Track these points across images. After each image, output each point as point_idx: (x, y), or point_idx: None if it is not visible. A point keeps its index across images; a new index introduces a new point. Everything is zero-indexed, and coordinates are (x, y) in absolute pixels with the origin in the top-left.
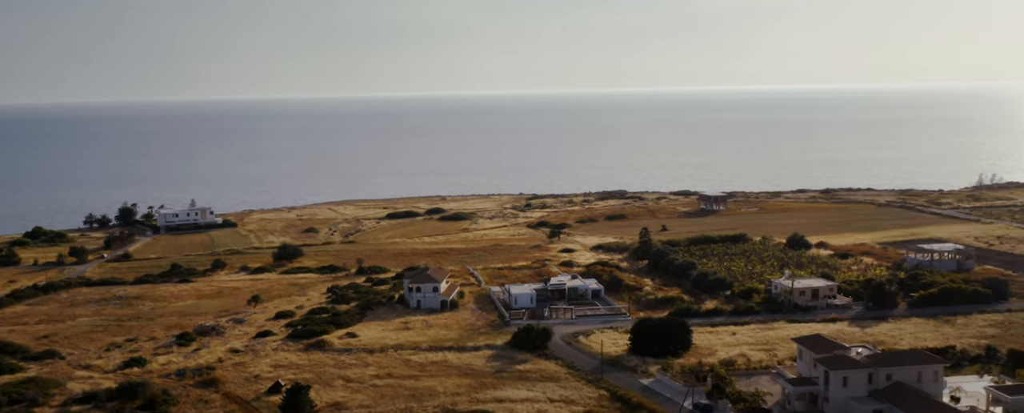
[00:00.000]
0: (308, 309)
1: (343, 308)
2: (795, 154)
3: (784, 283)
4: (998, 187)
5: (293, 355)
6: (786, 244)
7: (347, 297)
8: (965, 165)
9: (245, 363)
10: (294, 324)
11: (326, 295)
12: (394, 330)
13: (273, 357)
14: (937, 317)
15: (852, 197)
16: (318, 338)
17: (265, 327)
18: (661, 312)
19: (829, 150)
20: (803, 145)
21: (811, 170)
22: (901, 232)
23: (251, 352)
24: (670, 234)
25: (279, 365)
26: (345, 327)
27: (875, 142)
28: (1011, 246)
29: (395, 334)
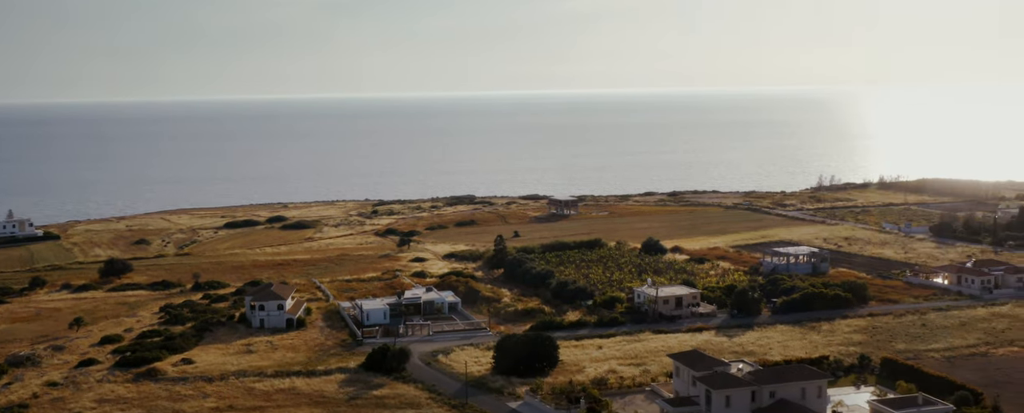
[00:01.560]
0: (138, 332)
1: (178, 330)
2: (637, 156)
3: (648, 292)
4: (836, 188)
5: (120, 387)
6: (641, 249)
7: (182, 317)
8: (800, 166)
9: (64, 399)
10: (122, 350)
11: (159, 315)
12: (235, 354)
13: (97, 390)
14: (802, 324)
15: (700, 199)
16: (149, 366)
17: (89, 354)
18: (522, 325)
19: (671, 152)
20: (643, 147)
21: (655, 172)
22: (752, 234)
23: (71, 385)
24: (524, 240)
25: (104, 400)
26: (180, 352)
27: (712, 144)
28: (860, 247)
29: (237, 358)
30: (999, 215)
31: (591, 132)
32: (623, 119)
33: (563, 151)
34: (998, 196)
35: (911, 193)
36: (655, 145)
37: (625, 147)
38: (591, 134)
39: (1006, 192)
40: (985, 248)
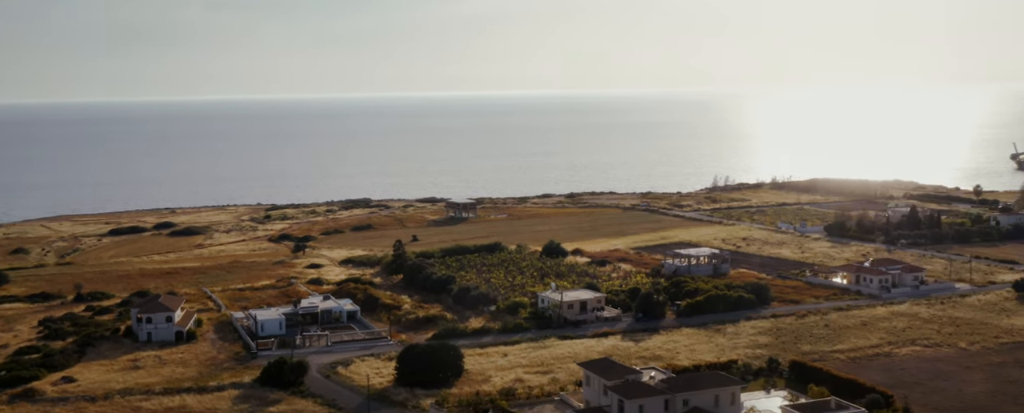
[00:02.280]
0: (14, 348)
1: (58, 345)
2: (532, 158)
3: (552, 296)
4: (731, 188)
5: None
6: (542, 252)
7: (63, 332)
8: (693, 167)
9: None
10: None
11: (37, 330)
12: (121, 370)
13: None
14: (707, 326)
15: (597, 201)
16: (26, 386)
17: None
18: (424, 333)
19: (565, 154)
20: (538, 149)
21: (552, 174)
22: (651, 236)
23: None
24: (423, 245)
25: None
26: (61, 369)
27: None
28: (758, 247)
29: (122, 376)
30: (890, 214)
31: (490, 134)
32: (520, 120)
33: (460, 153)
34: (887, 195)
35: (803, 193)
36: (552, 146)
37: (522, 148)
38: (490, 136)
39: (894, 191)
40: (879, 247)
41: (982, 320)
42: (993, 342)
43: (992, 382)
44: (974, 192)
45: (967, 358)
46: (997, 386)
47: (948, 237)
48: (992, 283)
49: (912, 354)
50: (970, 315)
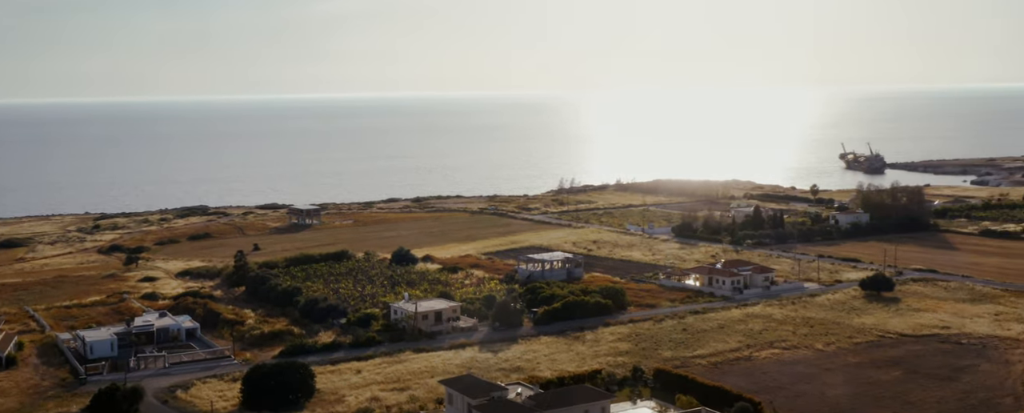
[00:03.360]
0: None
1: None
2: (375, 162)
3: (406, 307)
4: (577, 190)
5: None
6: (392, 259)
7: None
8: (537, 169)
9: None
10: None
11: None
12: None
13: None
14: (565, 334)
15: (445, 205)
16: None
17: None
18: (270, 350)
19: (409, 157)
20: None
21: (397, 178)
22: (502, 240)
23: None
24: (265, 254)
25: None
26: None
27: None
28: (608, 250)
29: None
30: (734, 214)
31: (332, 137)
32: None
33: (302, 157)
34: (728, 195)
35: (647, 194)
36: (396, 149)
37: (366, 152)
38: (332, 139)
39: (735, 191)
40: (726, 247)
41: (834, 320)
42: (847, 342)
43: (852, 384)
44: (811, 191)
45: (825, 359)
46: (858, 388)
47: (791, 236)
48: (839, 282)
49: (771, 357)
50: (822, 315)
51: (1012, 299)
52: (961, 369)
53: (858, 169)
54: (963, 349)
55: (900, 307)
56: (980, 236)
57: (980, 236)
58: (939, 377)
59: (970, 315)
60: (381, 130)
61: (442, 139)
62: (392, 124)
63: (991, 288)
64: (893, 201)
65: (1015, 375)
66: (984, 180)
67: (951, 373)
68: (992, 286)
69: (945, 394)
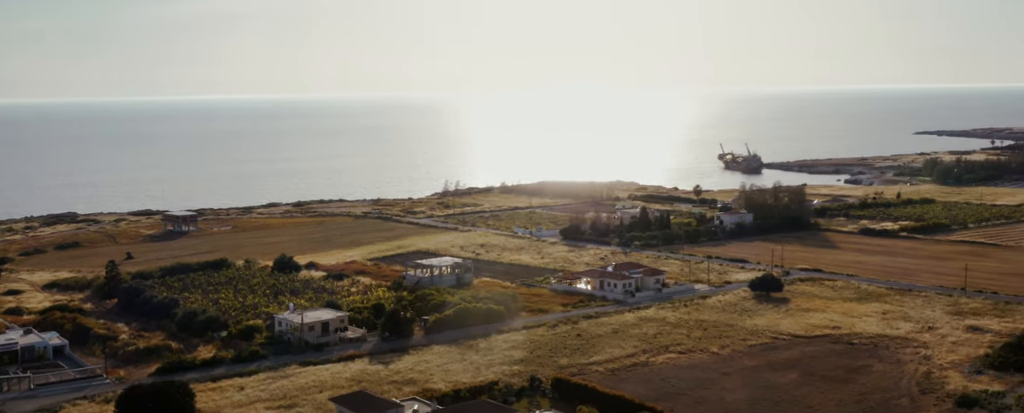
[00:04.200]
0: None
1: None
2: (254, 165)
3: (291, 318)
4: (462, 193)
5: None
6: (274, 267)
7: None
8: (420, 171)
9: None
10: None
11: None
12: None
13: None
14: (458, 342)
15: (327, 209)
16: None
17: None
18: (146, 368)
19: (289, 160)
20: (260, 155)
21: (277, 182)
22: (387, 245)
23: None
24: (139, 263)
25: None
26: None
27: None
28: (497, 254)
29: None
30: (621, 215)
31: (208, 140)
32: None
33: (177, 160)
34: (613, 196)
35: (533, 196)
36: (276, 153)
37: (244, 155)
38: (208, 142)
39: (620, 192)
40: (615, 249)
41: (727, 322)
42: (742, 345)
43: (751, 388)
44: (694, 192)
45: (721, 363)
46: (756, 392)
47: (678, 237)
48: (728, 283)
49: (668, 362)
50: (715, 317)
51: (897, 298)
52: (855, 370)
53: (736, 169)
54: (855, 350)
55: (790, 307)
56: (860, 235)
57: (860, 235)
58: (835, 379)
59: (859, 314)
60: (263, 132)
61: (324, 142)
62: (275, 127)
63: (876, 287)
64: (775, 201)
65: (908, 375)
66: (857, 179)
67: (846, 375)
68: (877, 285)
69: (842, 396)
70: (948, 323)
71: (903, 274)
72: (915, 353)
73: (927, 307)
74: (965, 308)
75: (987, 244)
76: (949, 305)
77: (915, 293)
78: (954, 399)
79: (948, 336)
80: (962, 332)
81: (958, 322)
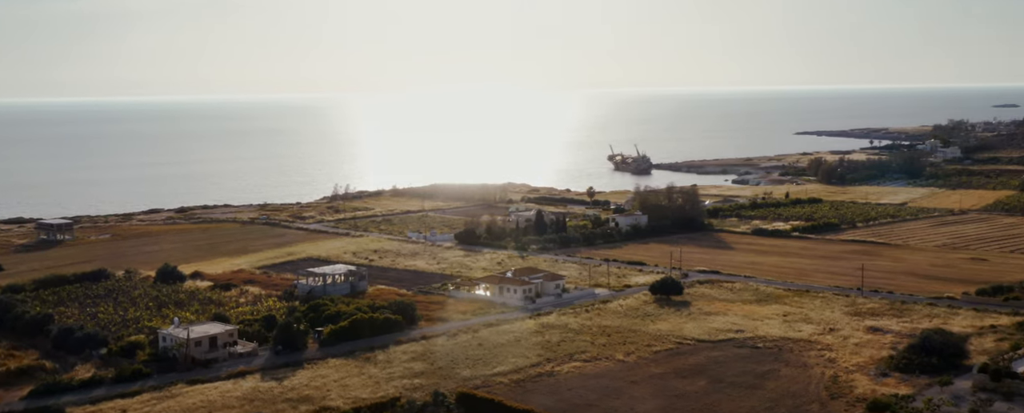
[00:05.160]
0: None
1: None
2: (134, 170)
3: (176, 333)
4: (353, 197)
5: None
6: (157, 277)
7: None
8: (309, 175)
9: None
10: None
11: None
12: None
13: None
14: (355, 355)
15: (212, 215)
16: None
17: None
18: (18, 391)
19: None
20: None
21: (158, 186)
22: (277, 253)
23: None
24: (10, 276)
25: None
26: None
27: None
28: (391, 260)
29: None
30: (516, 218)
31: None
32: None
33: (50, 165)
34: (506, 198)
35: (425, 199)
36: (154, 157)
37: (122, 159)
38: (84, 145)
39: (513, 194)
40: (511, 253)
41: (630, 327)
42: (647, 351)
43: (661, 397)
44: (587, 193)
45: (628, 371)
46: (666, 401)
47: (575, 240)
48: (628, 286)
49: (574, 371)
50: (617, 322)
51: (796, 299)
52: (763, 376)
53: (626, 170)
54: (760, 354)
55: (692, 311)
56: (753, 235)
57: (753, 235)
58: (744, 385)
59: (760, 317)
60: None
61: (209, 145)
62: (166, 129)
63: (775, 288)
64: (669, 202)
65: (816, 379)
66: (744, 179)
67: (754, 380)
68: (775, 286)
69: (753, 404)
70: (848, 324)
71: (799, 275)
72: (820, 356)
73: (826, 308)
74: (863, 308)
75: (877, 243)
76: (847, 306)
77: (813, 294)
78: (865, 404)
79: (850, 337)
80: (863, 333)
81: (858, 323)
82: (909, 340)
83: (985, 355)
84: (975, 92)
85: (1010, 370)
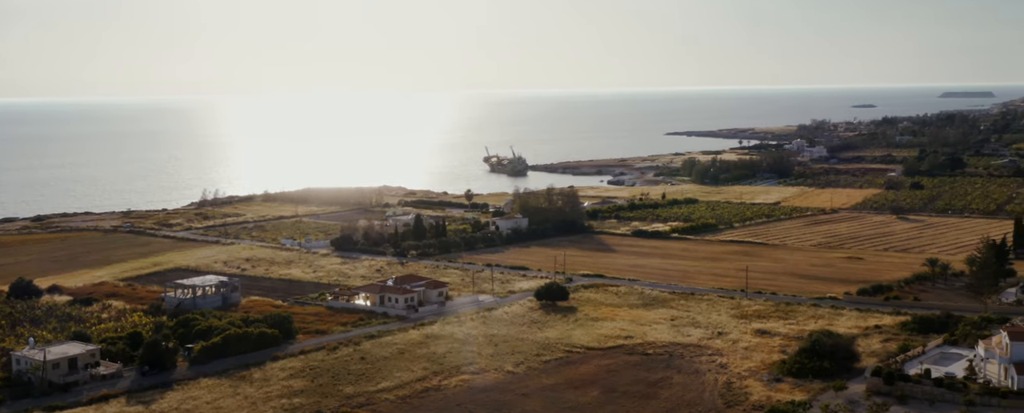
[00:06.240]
0: None
1: None
2: None
3: (32, 355)
4: (222, 202)
5: None
6: (9, 292)
7: None
8: (175, 180)
9: None
10: None
11: None
12: None
13: None
14: (229, 374)
15: (71, 223)
16: None
17: None
18: None
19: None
20: None
21: (8, 194)
22: (142, 263)
23: None
24: None
25: None
26: None
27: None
28: (265, 269)
29: None
30: (394, 223)
31: None
32: None
33: None
34: (382, 202)
35: (299, 204)
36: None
37: None
38: None
39: (389, 198)
40: (391, 260)
41: (518, 335)
42: (537, 361)
43: (553, 410)
44: (465, 196)
45: (519, 383)
46: None
47: (455, 245)
48: (512, 293)
49: (463, 384)
50: (504, 331)
51: (682, 302)
52: (656, 384)
53: (502, 172)
54: (651, 360)
55: (579, 317)
56: (633, 237)
57: (633, 237)
58: (638, 395)
59: (648, 322)
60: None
61: (68, 148)
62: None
63: (660, 291)
64: (549, 204)
65: (709, 386)
66: (619, 180)
67: (648, 389)
68: (660, 289)
69: None
70: (736, 327)
71: (683, 277)
72: (711, 361)
73: (712, 311)
74: (748, 310)
75: (755, 243)
76: (733, 308)
77: (698, 296)
78: (762, 412)
79: (739, 341)
80: (751, 336)
81: (745, 326)
82: (798, 343)
83: (874, 357)
84: (834, 93)
85: (903, 373)
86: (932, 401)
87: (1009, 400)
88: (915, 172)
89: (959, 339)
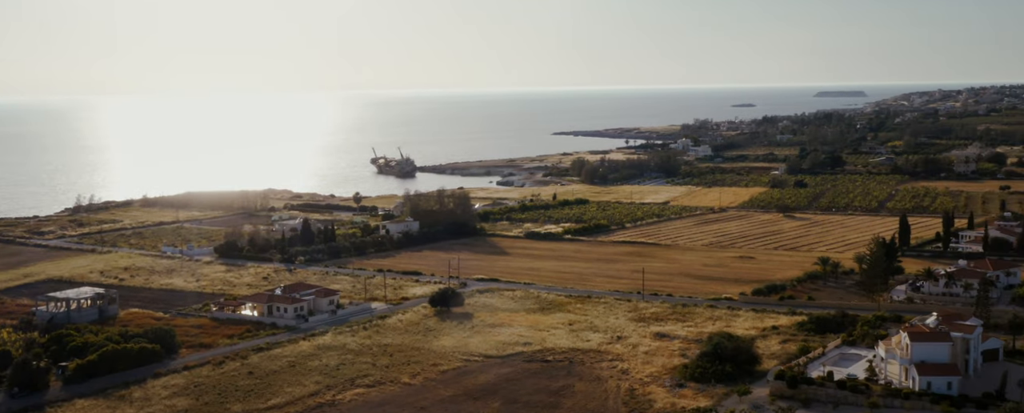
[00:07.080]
0: None
1: None
2: None
3: None
4: (98, 208)
5: None
6: None
7: None
8: (46, 185)
9: None
10: None
11: None
12: None
13: None
14: (107, 394)
15: None
16: None
17: None
18: None
19: None
20: None
21: None
22: (11, 274)
23: None
24: None
25: None
26: None
27: None
28: (145, 278)
29: None
30: (281, 227)
31: None
32: None
33: None
34: (268, 206)
35: (180, 209)
36: None
37: None
38: None
39: (274, 201)
40: (278, 266)
41: (413, 345)
42: (434, 372)
43: None
44: (354, 199)
45: (416, 396)
46: None
47: (345, 250)
48: (406, 299)
49: (357, 398)
50: (399, 340)
51: (579, 306)
52: (558, 393)
53: (390, 173)
54: (552, 368)
55: (475, 323)
56: (527, 239)
57: (527, 239)
58: (540, 405)
59: (546, 327)
60: None
61: None
62: None
63: (556, 295)
64: (440, 206)
65: (612, 394)
66: (509, 181)
67: (550, 398)
68: (556, 292)
69: None
70: (635, 331)
71: (578, 280)
72: (612, 367)
73: (610, 314)
74: (646, 313)
75: (648, 243)
76: (630, 311)
77: (595, 300)
78: None
79: (639, 345)
80: (651, 340)
81: (644, 329)
82: (698, 346)
83: (775, 359)
84: (714, 93)
85: (805, 376)
86: (836, 404)
87: (911, 401)
88: (798, 170)
89: (857, 339)
